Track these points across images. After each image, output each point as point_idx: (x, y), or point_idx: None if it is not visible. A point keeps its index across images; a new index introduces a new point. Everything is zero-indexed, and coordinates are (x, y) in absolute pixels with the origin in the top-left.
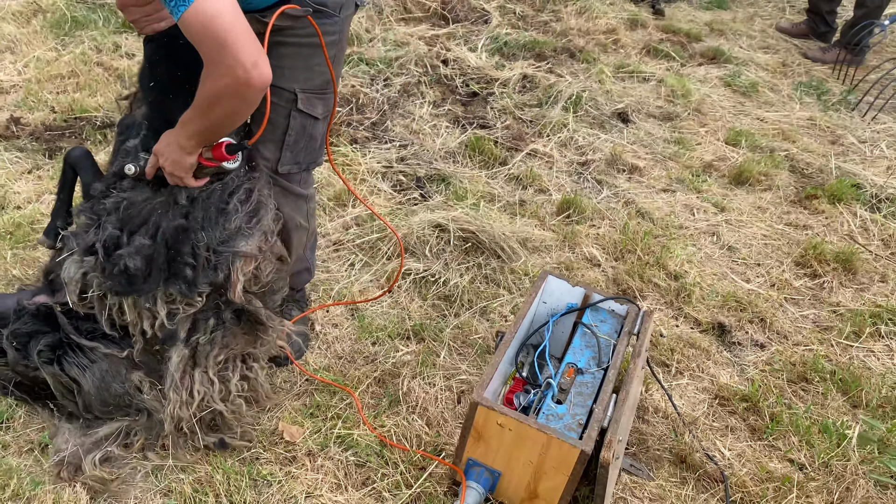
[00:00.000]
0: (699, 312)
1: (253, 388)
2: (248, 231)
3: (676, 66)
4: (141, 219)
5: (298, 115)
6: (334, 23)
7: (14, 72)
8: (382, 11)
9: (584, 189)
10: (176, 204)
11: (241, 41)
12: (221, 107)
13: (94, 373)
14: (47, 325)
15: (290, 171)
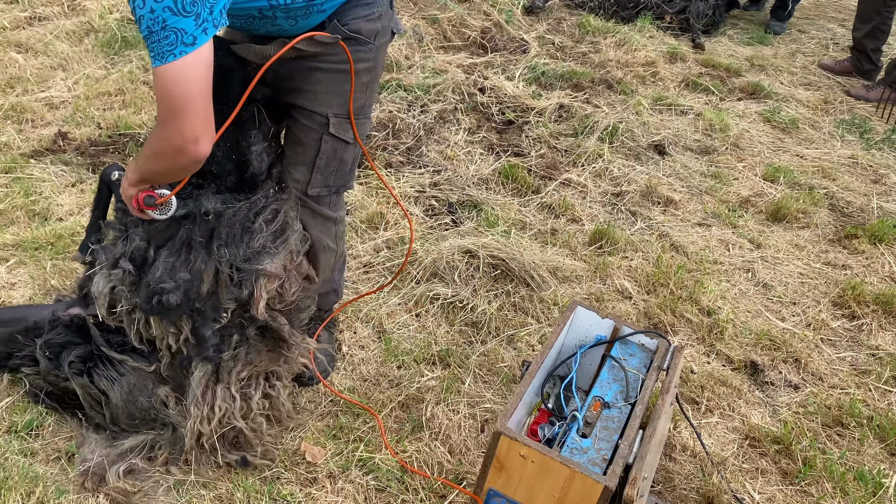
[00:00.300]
0: (731, 350)
1: (275, 406)
2: (272, 250)
3: (715, 100)
4: (169, 232)
5: (330, 139)
6: (368, 50)
7: (64, 88)
8: (423, 39)
9: (618, 220)
10: (204, 219)
11: (194, 115)
12: (156, 160)
13: (123, 386)
14: (80, 336)
15: (320, 194)
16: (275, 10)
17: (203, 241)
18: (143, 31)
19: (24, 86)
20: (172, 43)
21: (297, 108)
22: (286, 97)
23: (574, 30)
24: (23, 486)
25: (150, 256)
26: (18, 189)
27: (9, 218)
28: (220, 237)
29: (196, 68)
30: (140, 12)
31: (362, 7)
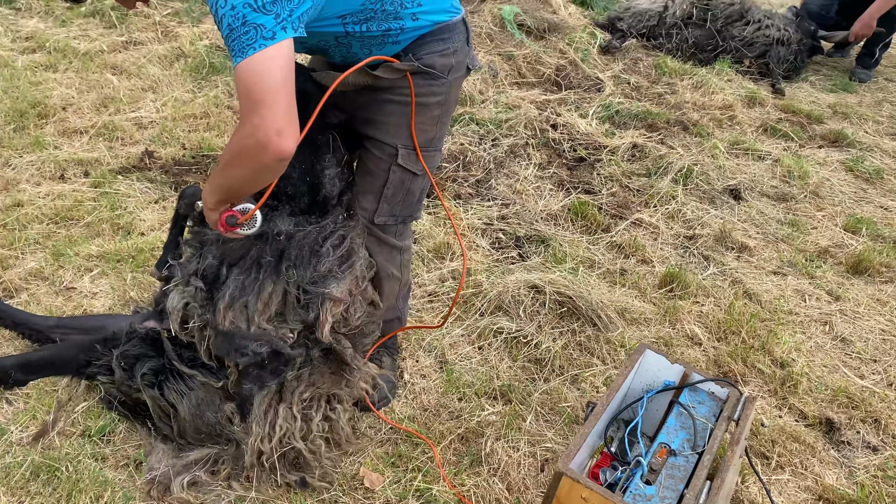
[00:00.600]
0: (805, 405)
1: (334, 430)
2: (339, 274)
3: (794, 147)
4: (241, 251)
5: (398, 170)
6: (441, 84)
7: (153, 109)
8: (497, 75)
9: (690, 264)
10: (275, 239)
11: (277, 106)
12: (238, 164)
13: (191, 400)
14: (154, 349)
15: (386, 223)
16: (350, 37)
17: (272, 262)
18: (223, 30)
19: (116, 106)
20: (252, 38)
21: (368, 138)
22: (359, 127)
23: (650, 70)
24: (93, 489)
25: (223, 274)
26: (105, 203)
27: (95, 230)
28: (290, 258)
29: (276, 61)
30: (221, 11)
31: (438, 42)
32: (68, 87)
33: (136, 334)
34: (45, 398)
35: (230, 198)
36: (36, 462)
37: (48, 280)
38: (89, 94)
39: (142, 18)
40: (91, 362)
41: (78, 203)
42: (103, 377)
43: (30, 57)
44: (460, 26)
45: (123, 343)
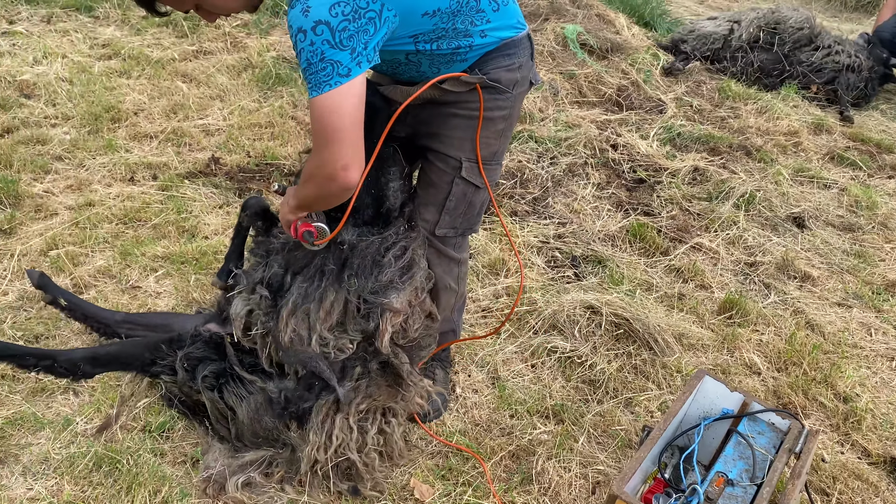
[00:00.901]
0: (870, 442)
1: (388, 443)
2: (399, 285)
3: (863, 176)
4: (305, 260)
5: (461, 183)
6: (506, 98)
7: (220, 117)
8: (558, 94)
9: (750, 291)
10: (339, 248)
11: (345, 144)
12: (309, 187)
13: (250, 404)
14: (216, 353)
15: (447, 235)
16: (420, 55)
17: (335, 270)
18: (302, 63)
19: (185, 112)
20: (329, 74)
21: (432, 151)
22: (423, 140)
23: (714, 94)
24: (151, 483)
25: (287, 282)
26: (172, 206)
27: (161, 232)
28: (352, 267)
29: (349, 98)
30: (301, 45)
31: (504, 57)
32: (140, 93)
33: (200, 337)
34: (110, 392)
35: (307, 210)
36: (99, 454)
37: (115, 278)
38: (160, 101)
39: (212, 29)
40: (156, 361)
41: (146, 205)
42: (166, 376)
43: (106, 63)
44: (525, 42)
45: (188, 345)
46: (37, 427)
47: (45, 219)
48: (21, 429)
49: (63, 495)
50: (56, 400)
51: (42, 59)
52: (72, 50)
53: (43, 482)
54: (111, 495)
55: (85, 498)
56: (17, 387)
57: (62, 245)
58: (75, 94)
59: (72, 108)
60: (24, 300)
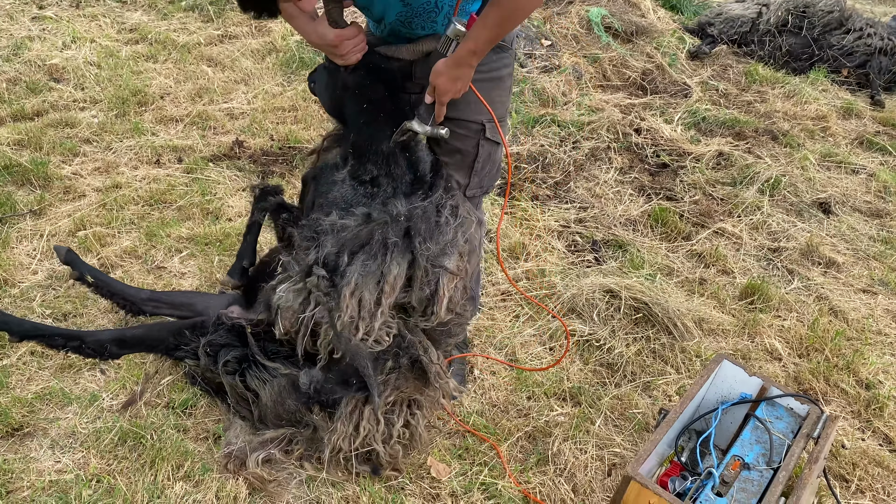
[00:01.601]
0: (892, 429)
1: (412, 435)
2: (459, 245)
3: (892, 162)
4: (362, 239)
5: (486, 144)
6: (509, 55)
7: (245, 101)
8: (581, 77)
9: (773, 277)
10: (396, 221)
11: None
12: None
13: (274, 387)
14: (239, 340)
15: (475, 195)
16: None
17: (398, 242)
18: None
19: (210, 96)
20: None
21: (451, 119)
22: None
23: (740, 78)
24: (174, 458)
25: (343, 262)
26: (197, 188)
27: (186, 213)
28: (420, 233)
29: None
30: None
31: None
32: (167, 77)
33: (223, 325)
34: (135, 370)
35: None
36: (124, 429)
37: (141, 259)
38: (186, 85)
39: (237, 13)
40: (179, 346)
41: (171, 187)
42: (190, 361)
43: (133, 48)
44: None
45: (211, 332)
46: (65, 402)
47: (73, 200)
48: (49, 403)
49: (89, 468)
50: (83, 376)
51: (71, 44)
52: (100, 34)
53: (70, 455)
54: (135, 469)
55: (110, 471)
56: (45, 363)
57: (90, 226)
58: (103, 78)
59: (100, 92)
60: (53, 279)
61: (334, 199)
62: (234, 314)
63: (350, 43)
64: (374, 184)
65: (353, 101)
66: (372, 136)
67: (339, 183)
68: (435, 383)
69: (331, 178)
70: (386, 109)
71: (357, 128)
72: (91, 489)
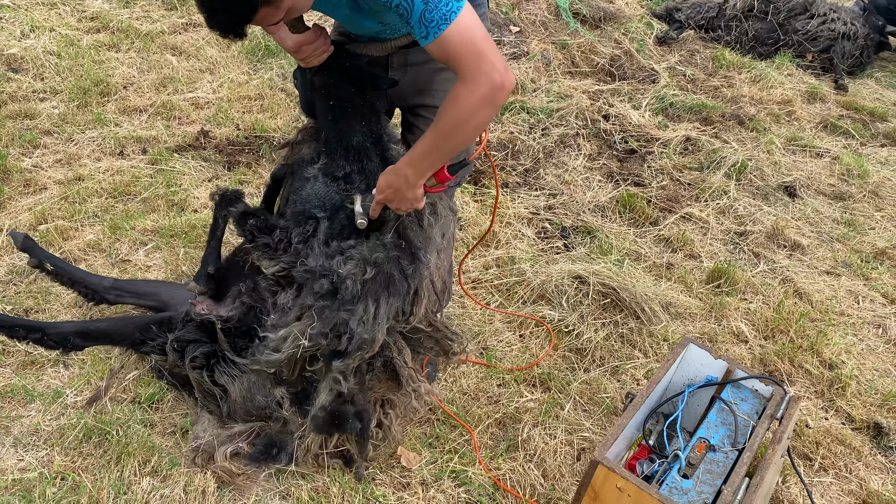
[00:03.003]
0: (853, 408)
1: (385, 434)
2: (433, 247)
3: (855, 145)
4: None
5: None
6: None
7: (210, 90)
8: (550, 64)
9: (739, 260)
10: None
11: (493, 49)
12: (476, 120)
13: (243, 383)
14: (207, 336)
15: (448, 187)
16: None
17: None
18: (417, 9)
19: (174, 86)
20: (447, 3)
21: (425, 107)
22: (410, 100)
23: (707, 63)
24: (141, 453)
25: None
26: (162, 180)
27: (151, 205)
28: (421, 247)
29: (472, 12)
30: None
31: (477, 7)
32: (130, 67)
33: (191, 321)
34: (100, 364)
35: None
36: (89, 425)
37: (105, 252)
38: (149, 74)
39: None
40: (146, 341)
41: (135, 179)
42: (156, 356)
43: (94, 36)
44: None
45: (179, 329)
46: (27, 399)
47: (34, 193)
48: (12, 401)
49: (53, 466)
50: (46, 373)
51: (30, 33)
52: (60, 23)
53: (33, 453)
54: (101, 465)
55: (75, 468)
56: (7, 360)
57: (51, 219)
58: (64, 68)
59: (60, 82)
60: (14, 274)
61: (307, 196)
62: (203, 310)
63: (309, 48)
64: (346, 180)
65: (320, 99)
66: (341, 132)
67: (312, 179)
68: (407, 387)
69: (303, 173)
70: (355, 106)
71: (326, 125)
72: (55, 487)
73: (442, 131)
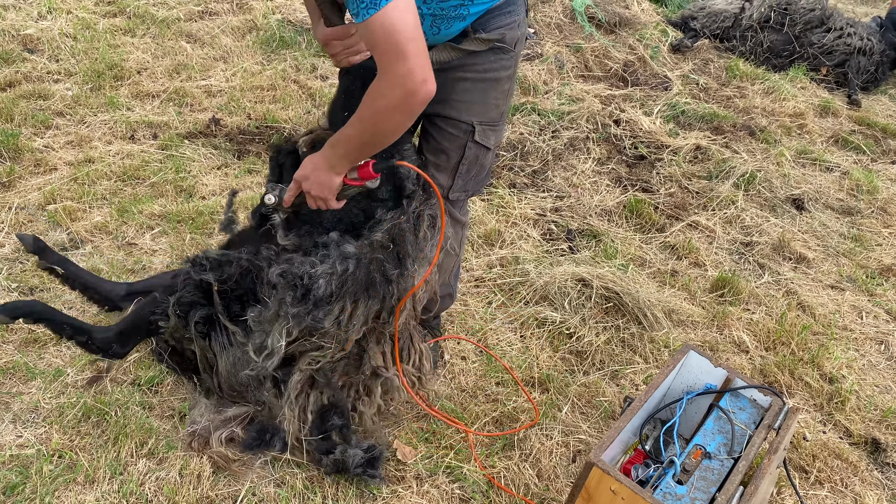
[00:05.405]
0: (852, 423)
1: (362, 421)
2: (427, 262)
3: (866, 161)
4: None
5: (473, 146)
6: (510, 58)
7: (223, 79)
8: (563, 67)
9: (744, 270)
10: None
11: (417, 55)
12: (388, 121)
13: (230, 356)
14: (205, 297)
15: (458, 198)
16: (424, 16)
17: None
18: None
19: (188, 73)
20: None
21: (441, 117)
22: (429, 108)
23: (721, 72)
24: (138, 435)
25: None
26: (171, 165)
27: (159, 190)
28: (409, 254)
29: (408, 9)
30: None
31: (504, 15)
32: (144, 52)
33: (190, 280)
34: None
35: (365, 156)
36: (88, 404)
37: (112, 234)
38: (163, 60)
39: None
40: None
41: (145, 163)
42: (162, 322)
43: (110, 21)
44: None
45: (179, 289)
46: (28, 377)
47: (44, 173)
48: (13, 378)
49: (51, 443)
50: (48, 351)
51: (46, 14)
52: (77, 6)
53: (32, 430)
54: (98, 445)
55: (72, 447)
56: (9, 337)
57: (60, 200)
58: (79, 51)
59: (75, 65)
60: (20, 252)
61: None
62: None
63: (339, 44)
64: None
65: (340, 105)
66: None
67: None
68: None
69: None
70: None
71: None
72: (52, 464)
73: (361, 119)
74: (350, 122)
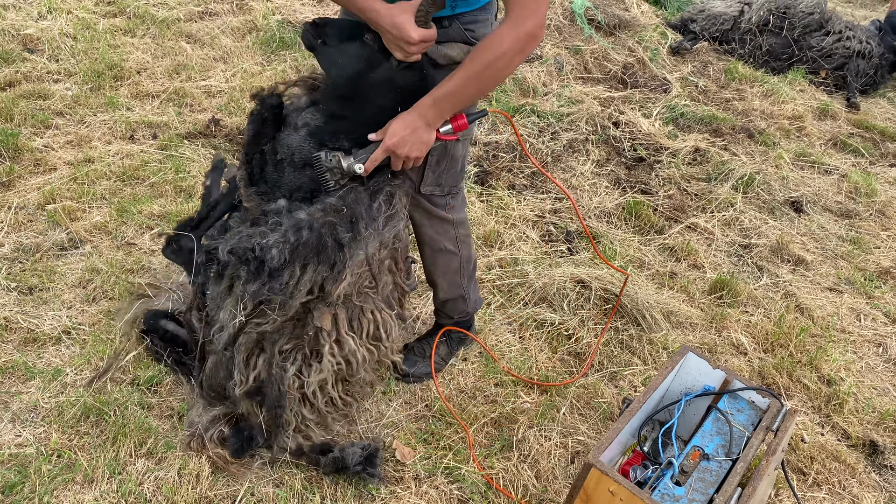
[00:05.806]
0: (850, 425)
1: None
2: (381, 235)
3: (864, 163)
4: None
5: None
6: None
7: (223, 79)
8: (563, 68)
9: (742, 273)
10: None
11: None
12: (511, 64)
13: (212, 360)
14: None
15: (433, 193)
16: None
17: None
18: None
19: (188, 73)
20: None
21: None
22: None
23: (720, 75)
24: (137, 435)
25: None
26: (171, 165)
27: (159, 190)
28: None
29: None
30: None
31: (482, 11)
32: (144, 52)
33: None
34: (100, 345)
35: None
36: (87, 404)
37: (111, 234)
38: (163, 60)
39: None
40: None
41: (144, 164)
42: None
43: (110, 21)
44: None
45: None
46: (27, 376)
47: (43, 173)
48: (12, 377)
49: (50, 443)
50: (47, 350)
51: (46, 14)
52: (77, 5)
53: (31, 429)
54: (97, 445)
55: (71, 446)
56: (9, 336)
57: (60, 200)
58: (79, 51)
59: (75, 65)
60: (20, 252)
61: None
62: None
63: (426, 46)
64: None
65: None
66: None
67: (292, 129)
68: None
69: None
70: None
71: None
72: (51, 464)
73: (475, 69)
74: (458, 77)
